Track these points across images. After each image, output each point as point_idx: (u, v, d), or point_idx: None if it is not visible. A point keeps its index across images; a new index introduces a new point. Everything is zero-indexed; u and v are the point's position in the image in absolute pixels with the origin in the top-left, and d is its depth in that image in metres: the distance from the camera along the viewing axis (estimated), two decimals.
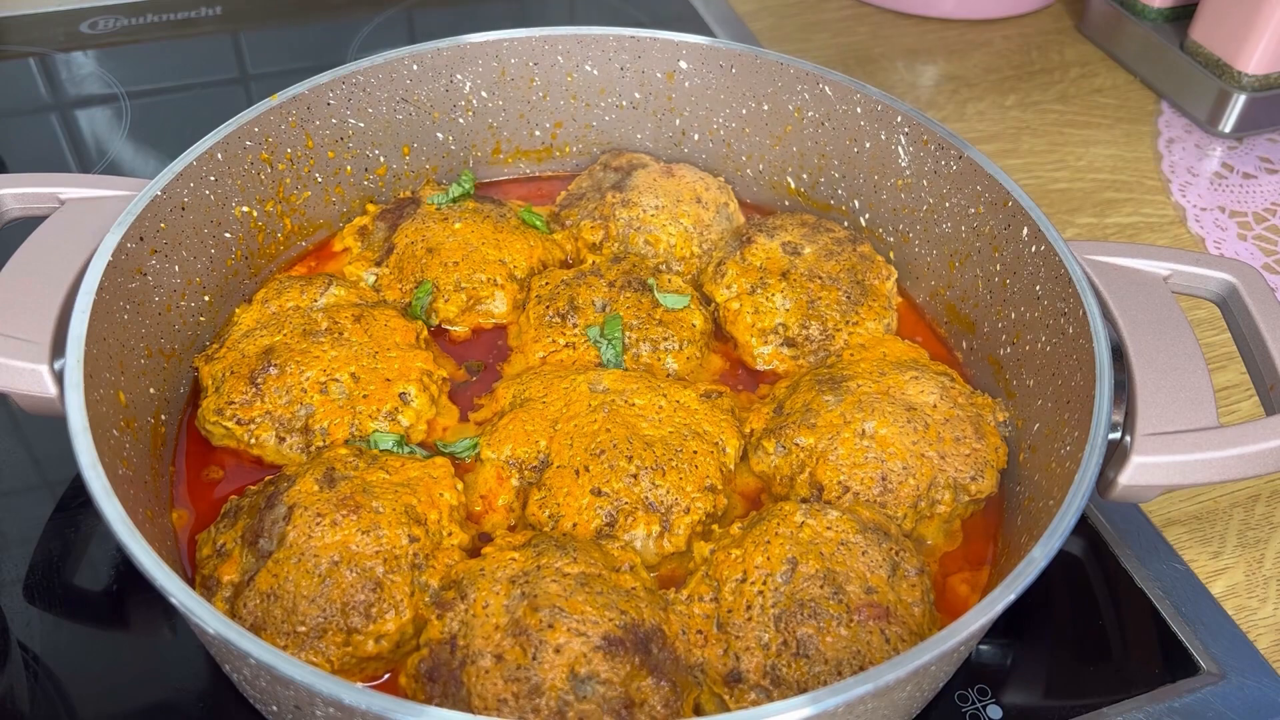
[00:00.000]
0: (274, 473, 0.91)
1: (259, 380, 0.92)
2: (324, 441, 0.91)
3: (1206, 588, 0.95)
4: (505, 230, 1.09)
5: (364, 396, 0.93)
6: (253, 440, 0.92)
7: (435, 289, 1.04)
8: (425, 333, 1.02)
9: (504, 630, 0.74)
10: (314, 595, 0.77)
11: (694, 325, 1.03)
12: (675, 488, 0.88)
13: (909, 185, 1.09)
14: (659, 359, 1.00)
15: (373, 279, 1.07)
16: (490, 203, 1.14)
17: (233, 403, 0.92)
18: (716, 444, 0.92)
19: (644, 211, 1.11)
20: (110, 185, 0.95)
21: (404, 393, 0.94)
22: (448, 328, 1.06)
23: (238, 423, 0.92)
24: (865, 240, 1.10)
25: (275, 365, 0.93)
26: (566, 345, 1.01)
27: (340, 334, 0.96)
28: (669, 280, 1.06)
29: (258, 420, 0.92)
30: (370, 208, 1.15)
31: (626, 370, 0.99)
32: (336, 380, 0.93)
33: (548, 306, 1.02)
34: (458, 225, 1.08)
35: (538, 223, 1.13)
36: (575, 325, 1.01)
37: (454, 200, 1.13)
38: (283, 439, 0.92)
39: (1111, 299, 0.91)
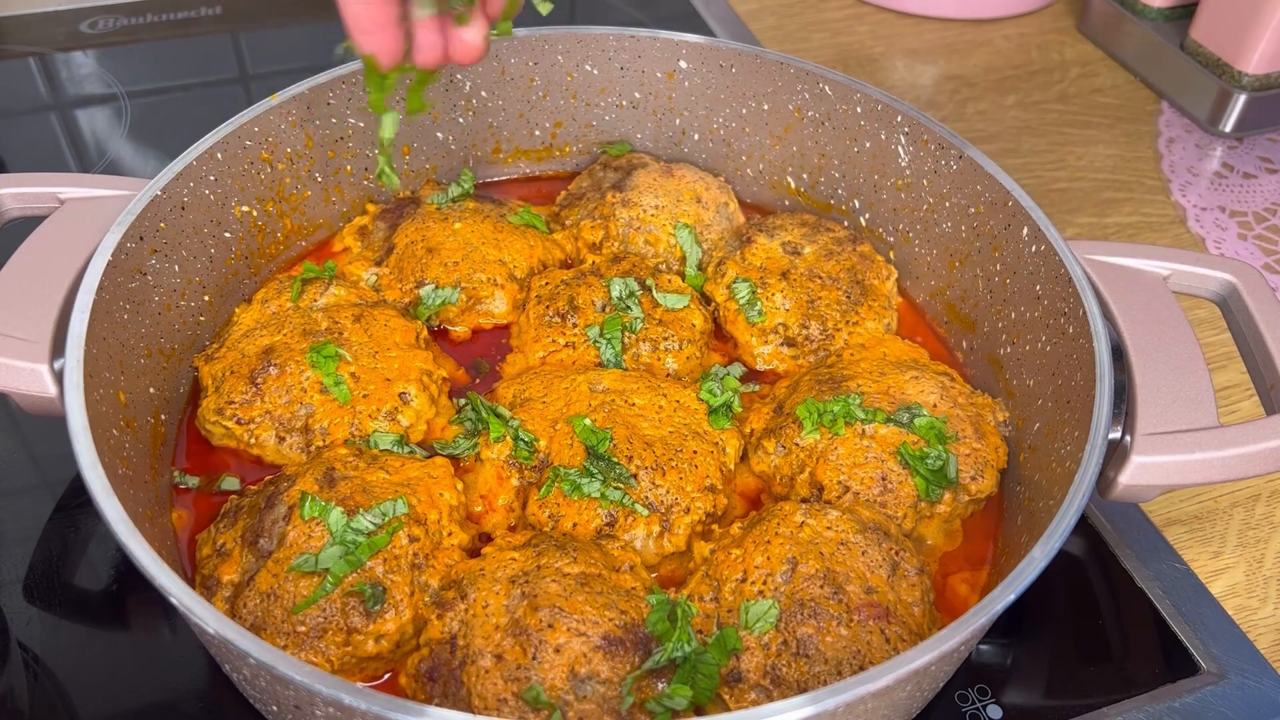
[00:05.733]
0: (274, 473, 0.91)
1: (259, 380, 0.92)
2: (324, 441, 0.91)
3: (1206, 588, 0.95)
4: (505, 230, 1.09)
5: (364, 396, 0.93)
6: (252, 440, 0.92)
7: (436, 290, 1.04)
8: (425, 333, 1.02)
9: (504, 630, 0.75)
10: (312, 594, 0.77)
11: (694, 325, 1.03)
12: (675, 487, 0.88)
13: (909, 185, 1.09)
14: (659, 359, 1.00)
15: (373, 279, 1.07)
16: (490, 202, 1.14)
17: (233, 402, 0.92)
18: (716, 444, 0.92)
19: (644, 211, 1.11)
20: (110, 185, 0.95)
21: (404, 392, 0.94)
22: (448, 328, 1.06)
23: (238, 422, 0.92)
24: (865, 240, 1.10)
25: (275, 365, 0.93)
26: (566, 345, 1.01)
27: (340, 334, 0.96)
28: (669, 280, 1.06)
29: (258, 420, 0.92)
30: (370, 207, 1.15)
31: (626, 370, 0.99)
32: (337, 380, 0.93)
33: (548, 306, 1.02)
34: (458, 225, 1.08)
35: (537, 223, 1.13)
36: (575, 325, 1.01)
37: (454, 200, 1.13)
38: (282, 439, 0.92)
39: (1111, 299, 0.91)
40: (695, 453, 0.90)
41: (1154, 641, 0.90)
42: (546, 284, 1.05)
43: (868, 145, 1.11)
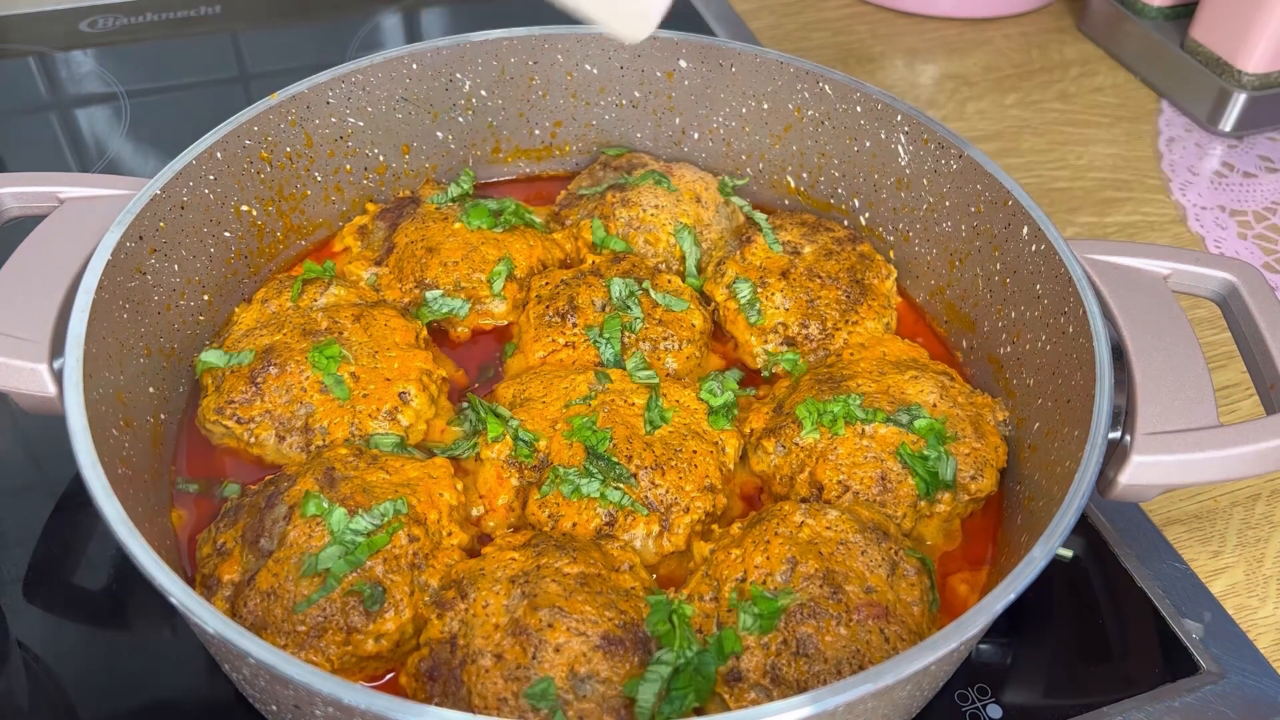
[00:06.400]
0: (274, 472, 0.90)
1: (259, 379, 0.92)
2: (324, 440, 0.91)
3: (1207, 587, 0.95)
4: (505, 230, 1.09)
5: (364, 396, 0.93)
6: (252, 439, 0.92)
7: (443, 299, 1.04)
8: (424, 332, 1.02)
9: (504, 630, 0.75)
10: (313, 594, 0.77)
11: (694, 325, 1.03)
12: (675, 487, 0.88)
13: (909, 184, 1.09)
14: (659, 358, 1.00)
15: (372, 278, 1.07)
16: (490, 202, 1.14)
17: (233, 401, 0.92)
18: (716, 444, 0.92)
19: (643, 211, 1.11)
20: (109, 184, 0.95)
21: (404, 392, 0.94)
22: (448, 329, 1.06)
23: (237, 421, 0.92)
24: (865, 239, 1.10)
25: (275, 364, 0.93)
26: (566, 345, 1.00)
27: (340, 333, 0.96)
28: (668, 280, 1.06)
29: (257, 419, 0.92)
30: (370, 207, 1.15)
31: (626, 370, 0.98)
32: (337, 379, 0.93)
33: (548, 306, 1.02)
34: (457, 225, 1.08)
35: (536, 222, 1.13)
36: (575, 325, 1.01)
37: (454, 200, 1.13)
38: (282, 438, 0.92)
39: (1111, 298, 0.91)
40: (695, 452, 0.90)
41: (1154, 641, 0.90)
42: (546, 284, 1.05)
43: (867, 145, 1.11)
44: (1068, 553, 0.95)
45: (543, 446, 0.90)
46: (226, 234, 1.03)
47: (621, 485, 0.87)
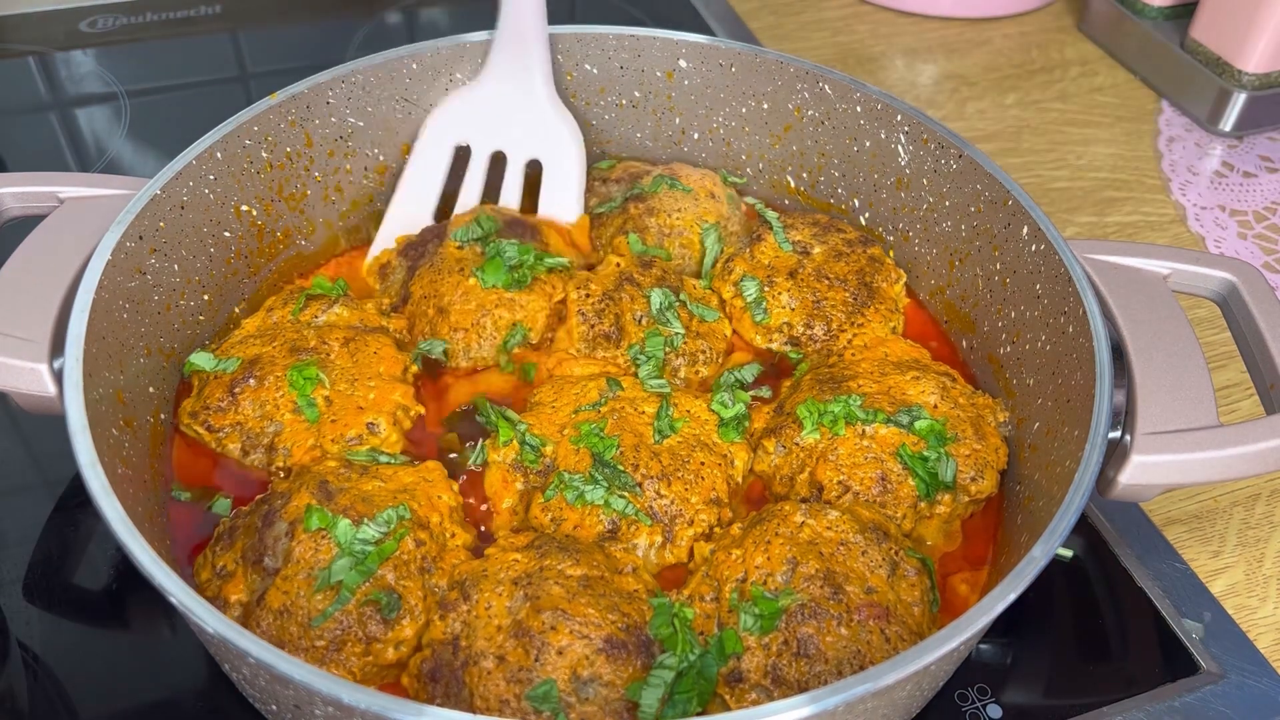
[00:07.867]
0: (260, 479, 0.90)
1: (237, 390, 0.91)
2: (285, 462, 0.89)
3: (1206, 587, 0.95)
4: (521, 289, 1.01)
5: (331, 421, 0.91)
6: (220, 449, 0.91)
7: (432, 343, 1.00)
8: (415, 367, 0.98)
9: (506, 631, 0.74)
10: (328, 608, 0.77)
11: (725, 335, 1.02)
12: (680, 498, 0.87)
13: (909, 184, 1.09)
14: (697, 372, 1.00)
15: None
16: (511, 251, 1.03)
17: (208, 408, 0.91)
18: (725, 456, 0.92)
19: (669, 216, 1.09)
20: (109, 184, 0.95)
21: (372, 423, 0.91)
22: (442, 362, 1.01)
23: (208, 429, 0.91)
24: (876, 242, 1.10)
25: (255, 377, 0.92)
26: (611, 364, 0.99)
27: (326, 355, 0.94)
28: (693, 285, 1.05)
29: (227, 430, 0.91)
30: (398, 240, 1.11)
31: (639, 377, 0.98)
32: (310, 401, 0.91)
33: (592, 326, 0.99)
34: (471, 280, 1.01)
35: (563, 262, 1.05)
36: (620, 345, 0.99)
37: (476, 240, 1.05)
38: (247, 453, 0.91)
39: (1111, 298, 0.91)
40: (702, 464, 0.90)
41: (1154, 641, 0.90)
42: (588, 296, 1.01)
43: (867, 144, 1.11)
44: (1068, 553, 0.95)
45: (549, 451, 0.90)
46: (226, 234, 1.03)
47: (626, 494, 0.86)
